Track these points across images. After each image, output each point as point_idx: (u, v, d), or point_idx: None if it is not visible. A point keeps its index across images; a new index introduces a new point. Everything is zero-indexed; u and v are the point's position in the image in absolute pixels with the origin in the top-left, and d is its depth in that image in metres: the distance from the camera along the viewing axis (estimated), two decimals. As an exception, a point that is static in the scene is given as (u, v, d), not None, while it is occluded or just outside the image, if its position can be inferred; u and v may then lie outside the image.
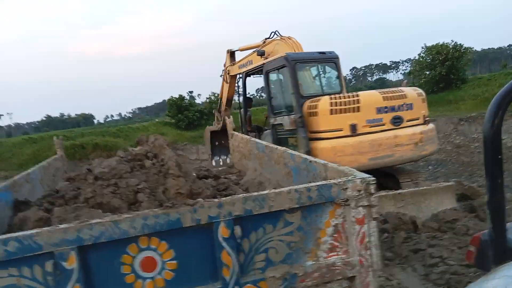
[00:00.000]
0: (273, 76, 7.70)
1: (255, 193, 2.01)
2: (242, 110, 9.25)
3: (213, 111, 12.05)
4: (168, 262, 1.91)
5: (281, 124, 7.29)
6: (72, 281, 1.79)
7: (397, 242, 4.99)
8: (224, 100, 10.35)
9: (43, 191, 3.96)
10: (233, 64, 9.66)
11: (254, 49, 8.65)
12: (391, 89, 6.78)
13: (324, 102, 6.41)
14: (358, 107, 6.32)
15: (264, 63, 7.63)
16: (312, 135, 6.56)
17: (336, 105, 6.32)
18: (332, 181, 2.11)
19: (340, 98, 6.38)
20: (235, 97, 10.28)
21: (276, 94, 7.88)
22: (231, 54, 9.95)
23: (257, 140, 4.99)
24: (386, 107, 6.46)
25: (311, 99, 6.74)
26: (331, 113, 6.31)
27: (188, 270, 1.95)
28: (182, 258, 1.93)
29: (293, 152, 3.37)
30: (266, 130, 8.54)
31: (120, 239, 1.83)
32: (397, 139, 6.43)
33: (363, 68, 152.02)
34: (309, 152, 6.34)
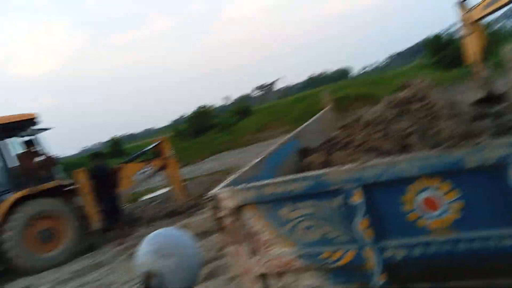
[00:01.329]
0: None
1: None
2: None
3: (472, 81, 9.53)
4: (452, 202, 1.86)
5: None
6: (359, 215, 2.02)
7: None
8: (479, 56, 8.19)
9: (321, 139, 4.51)
10: (473, 10, 7.77)
11: None
12: None
13: None
14: None
15: None
16: None
17: None
18: None
19: None
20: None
21: None
22: (461, 3, 8.07)
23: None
24: None
25: None
26: None
27: (474, 212, 1.84)
28: (467, 199, 1.84)
29: None
30: None
31: (399, 179, 1.91)
32: None
33: None
34: None
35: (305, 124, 4.57)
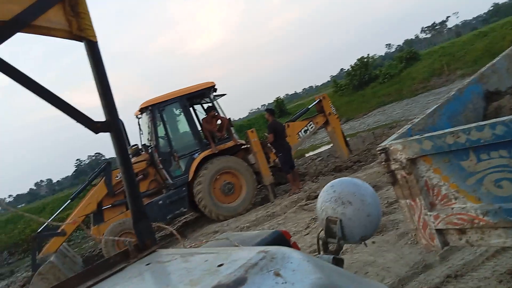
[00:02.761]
0: None
1: None
2: None
3: None
4: None
5: None
6: None
7: None
8: None
9: (511, 79, 3.79)
10: None
11: None
12: None
13: None
14: None
15: None
16: None
17: None
18: None
19: None
20: None
21: None
22: None
23: None
24: None
25: None
26: None
27: None
28: None
29: None
30: None
31: None
32: None
33: None
34: None
35: (490, 63, 3.88)
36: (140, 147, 9.88)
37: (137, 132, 10.17)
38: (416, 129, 2.55)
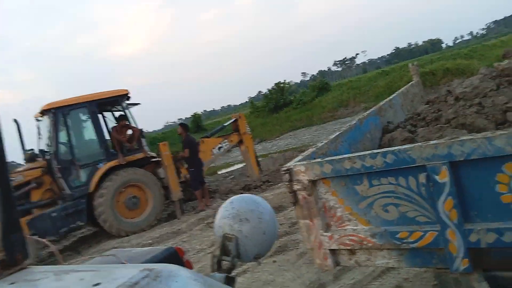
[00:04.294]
0: None
1: None
2: None
3: None
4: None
5: None
6: (444, 193, 1.84)
7: None
8: None
9: (405, 114, 4.23)
10: None
11: None
12: None
13: None
14: None
15: None
16: None
17: None
18: None
19: None
20: None
21: None
22: None
23: None
24: None
25: None
26: None
27: None
28: None
29: None
30: None
31: (494, 157, 1.70)
32: None
33: None
34: None
35: (388, 99, 4.31)
36: (36, 152, 8.95)
37: (35, 136, 9.25)
38: (319, 153, 2.68)
